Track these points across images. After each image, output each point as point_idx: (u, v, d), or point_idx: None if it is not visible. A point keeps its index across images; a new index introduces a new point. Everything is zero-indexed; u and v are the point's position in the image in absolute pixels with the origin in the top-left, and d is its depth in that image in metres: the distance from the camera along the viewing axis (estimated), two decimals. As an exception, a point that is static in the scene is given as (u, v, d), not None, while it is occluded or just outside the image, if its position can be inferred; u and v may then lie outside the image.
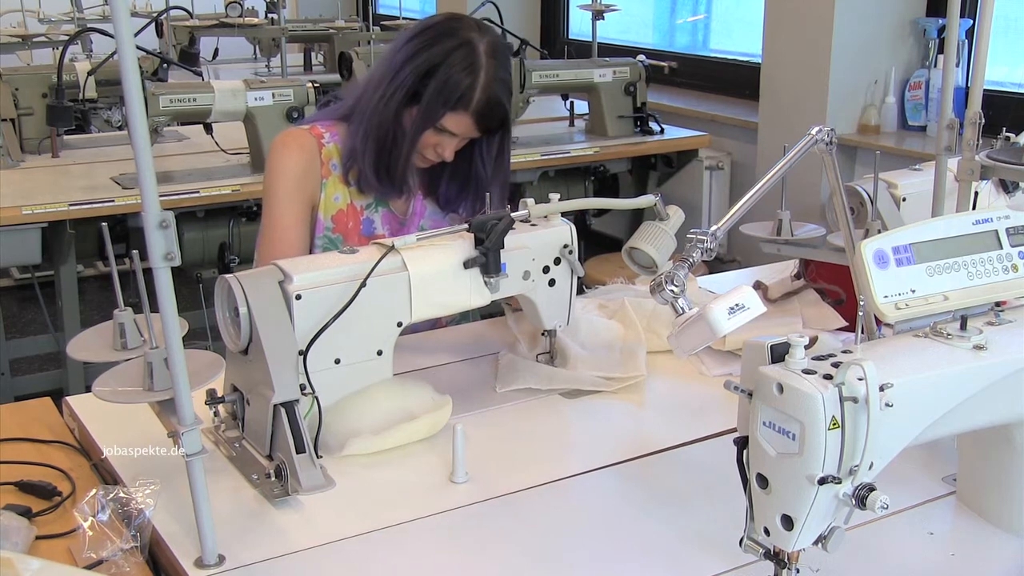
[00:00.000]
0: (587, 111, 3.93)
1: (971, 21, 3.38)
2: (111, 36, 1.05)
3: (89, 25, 4.79)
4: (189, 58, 4.80)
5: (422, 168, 1.89)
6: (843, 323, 1.81)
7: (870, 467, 0.98)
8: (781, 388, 0.97)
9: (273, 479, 1.33)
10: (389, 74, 1.77)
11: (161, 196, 1.04)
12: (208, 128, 3.20)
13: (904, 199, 1.83)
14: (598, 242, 4.27)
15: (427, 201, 1.94)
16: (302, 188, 1.84)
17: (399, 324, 1.50)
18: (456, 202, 1.92)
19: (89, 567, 1.15)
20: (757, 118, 3.88)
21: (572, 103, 3.99)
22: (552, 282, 1.63)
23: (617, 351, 1.73)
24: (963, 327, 1.10)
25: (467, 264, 1.52)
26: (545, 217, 1.62)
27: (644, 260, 1.61)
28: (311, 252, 1.86)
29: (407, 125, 1.77)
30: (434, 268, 1.50)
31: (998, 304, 1.17)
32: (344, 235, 1.87)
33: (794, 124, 3.51)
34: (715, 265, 3.42)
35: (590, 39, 4.01)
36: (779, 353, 1.00)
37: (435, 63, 1.73)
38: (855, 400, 0.95)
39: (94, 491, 1.23)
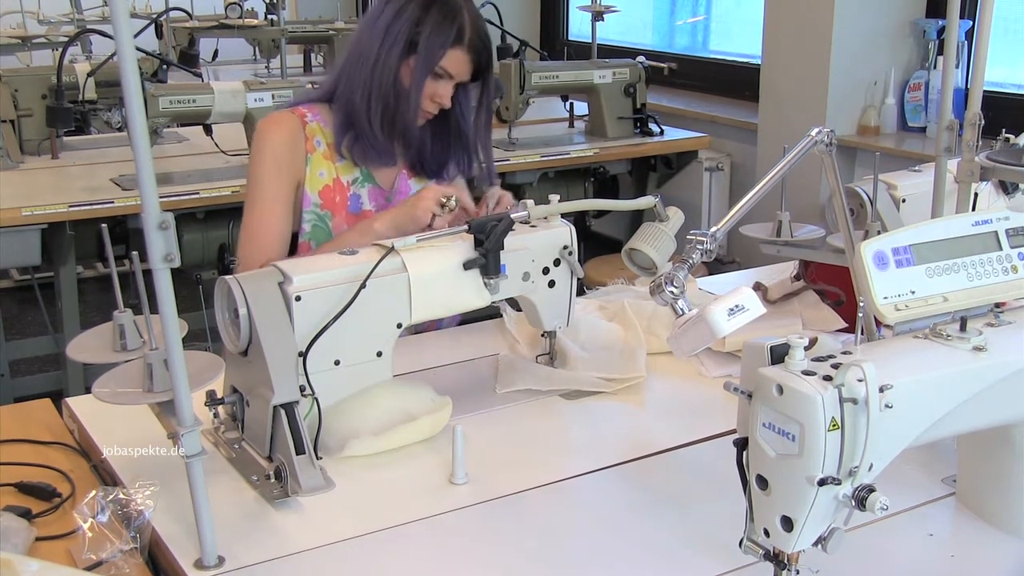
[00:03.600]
0: (587, 112, 3.93)
1: (971, 22, 3.38)
2: (111, 37, 1.04)
3: (89, 26, 4.77)
4: (189, 59, 4.79)
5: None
6: (843, 324, 1.81)
7: (870, 468, 0.98)
8: (781, 389, 0.97)
9: (273, 480, 1.33)
10: (378, 38, 1.83)
11: (161, 197, 1.04)
12: (208, 129, 3.21)
13: (904, 200, 1.83)
14: (598, 243, 4.27)
15: (413, 180, 1.97)
16: (286, 165, 1.87)
17: (399, 325, 1.50)
18: (444, 163, 1.98)
19: (89, 568, 1.15)
20: (757, 119, 3.88)
21: (572, 104, 4.00)
22: (552, 283, 1.63)
23: (617, 352, 1.73)
24: (963, 328, 1.10)
25: (467, 265, 1.52)
26: (545, 218, 1.62)
27: (644, 261, 1.61)
28: (298, 228, 1.89)
29: (407, 78, 1.83)
30: (434, 269, 1.51)
31: (998, 305, 1.17)
32: (332, 210, 1.90)
33: (794, 125, 3.52)
34: (715, 266, 3.43)
35: (590, 40, 4.01)
36: (779, 354, 1.00)
37: (421, 12, 1.82)
38: (855, 401, 0.95)
39: (94, 492, 1.23)
